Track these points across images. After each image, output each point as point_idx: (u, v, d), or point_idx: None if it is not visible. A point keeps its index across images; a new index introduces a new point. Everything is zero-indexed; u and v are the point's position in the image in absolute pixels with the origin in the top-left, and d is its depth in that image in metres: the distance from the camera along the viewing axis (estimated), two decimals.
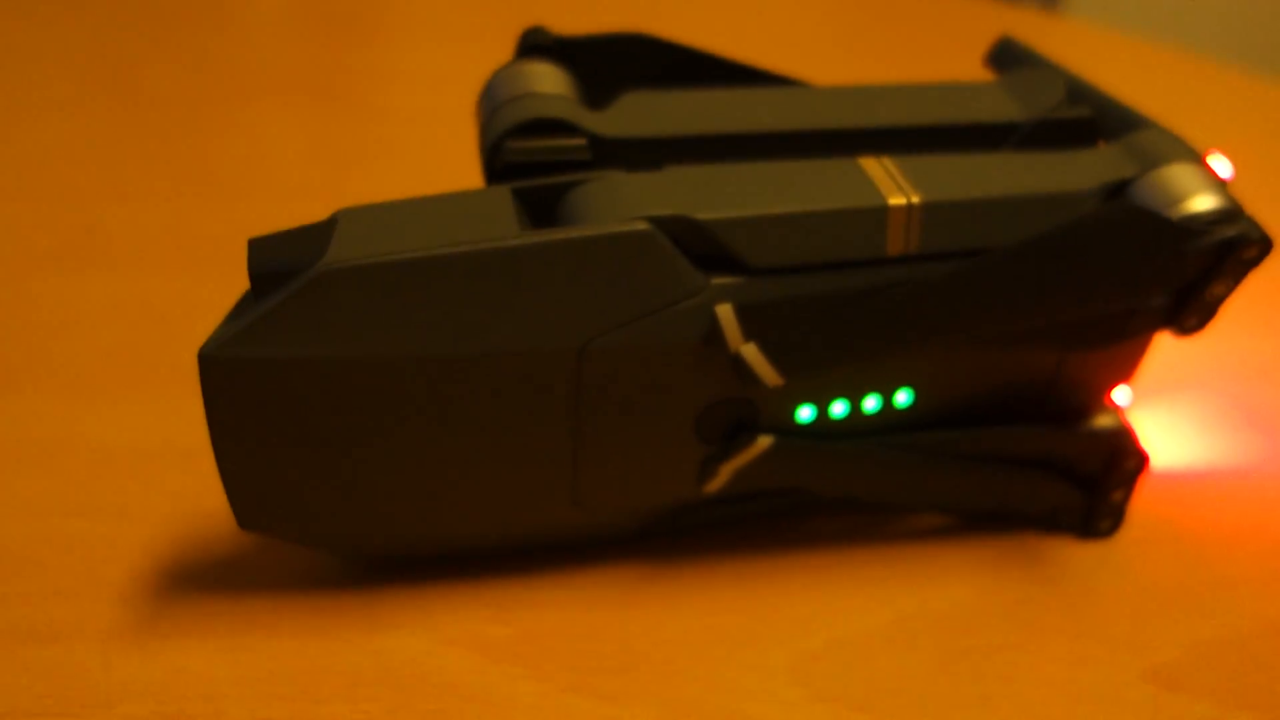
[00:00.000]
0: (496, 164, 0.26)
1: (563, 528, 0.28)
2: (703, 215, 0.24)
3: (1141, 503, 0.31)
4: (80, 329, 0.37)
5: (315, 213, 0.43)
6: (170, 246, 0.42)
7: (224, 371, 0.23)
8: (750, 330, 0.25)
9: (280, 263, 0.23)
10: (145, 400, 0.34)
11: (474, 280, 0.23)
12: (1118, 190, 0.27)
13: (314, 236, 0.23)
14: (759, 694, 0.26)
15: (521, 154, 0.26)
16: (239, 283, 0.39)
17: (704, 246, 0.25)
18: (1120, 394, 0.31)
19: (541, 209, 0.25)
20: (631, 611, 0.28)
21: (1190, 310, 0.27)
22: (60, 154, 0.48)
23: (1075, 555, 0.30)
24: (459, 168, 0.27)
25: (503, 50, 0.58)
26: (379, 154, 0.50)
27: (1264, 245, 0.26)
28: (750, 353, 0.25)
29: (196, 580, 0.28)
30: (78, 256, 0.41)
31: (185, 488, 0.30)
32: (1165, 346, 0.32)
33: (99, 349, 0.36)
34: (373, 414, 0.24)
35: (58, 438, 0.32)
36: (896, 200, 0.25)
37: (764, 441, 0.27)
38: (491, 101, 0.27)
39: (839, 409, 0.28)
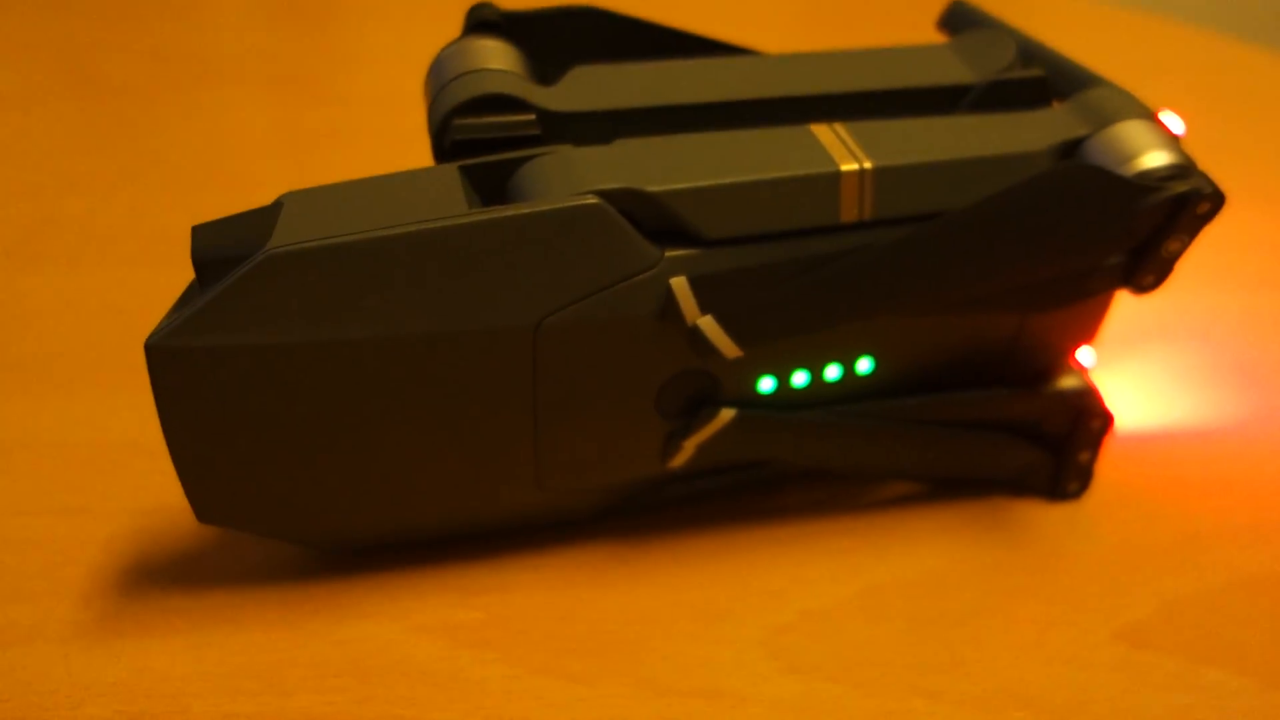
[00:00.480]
0: (445, 142, 0.26)
1: (527, 509, 0.28)
2: (653, 187, 0.24)
3: (1108, 463, 0.31)
4: (36, 323, 0.36)
5: None
6: (127, 238, 0.41)
7: (171, 362, 0.23)
8: (706, 302, 0.25)
9: (224, 249, 0.22)
10: (102, 395, 0.33)
11: (423, 260, 0.23)
12: (1071, 150, 0.27)
13: (258, 221, 0.23)
14: (732, 668, 0.26)
15: (469, 131, 0.25)
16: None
17: (656, 219, 0.24)
18: (1084, 355, 0.31)
19: (491, 186, 0.25)
20: (600, 591, 0.28)
21: (1146, 268, 0.27)
22: (12, 145, 0.47)
23: (1044, 518, 0.30)
24: (423, 152, 0.27)
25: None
26: (340, 140, 0.49)
27: (1216, 200, 0.26)
28: (707, 325, 0.25)
29: (158, 576, 0.27)
30: (32, 250, 0.40)
31: (144, 483, 0.30)
32: (1126, 306, 0.32)
33: (55, 343, 0.35)
34: (326, 400, 0.24)
35: (13, 435, 0.32)
36: (849, 166, 0.25)
37: (726, 414, 0.27)
38: (438, 79, 0.27)
39: (800, 379, 0.27)
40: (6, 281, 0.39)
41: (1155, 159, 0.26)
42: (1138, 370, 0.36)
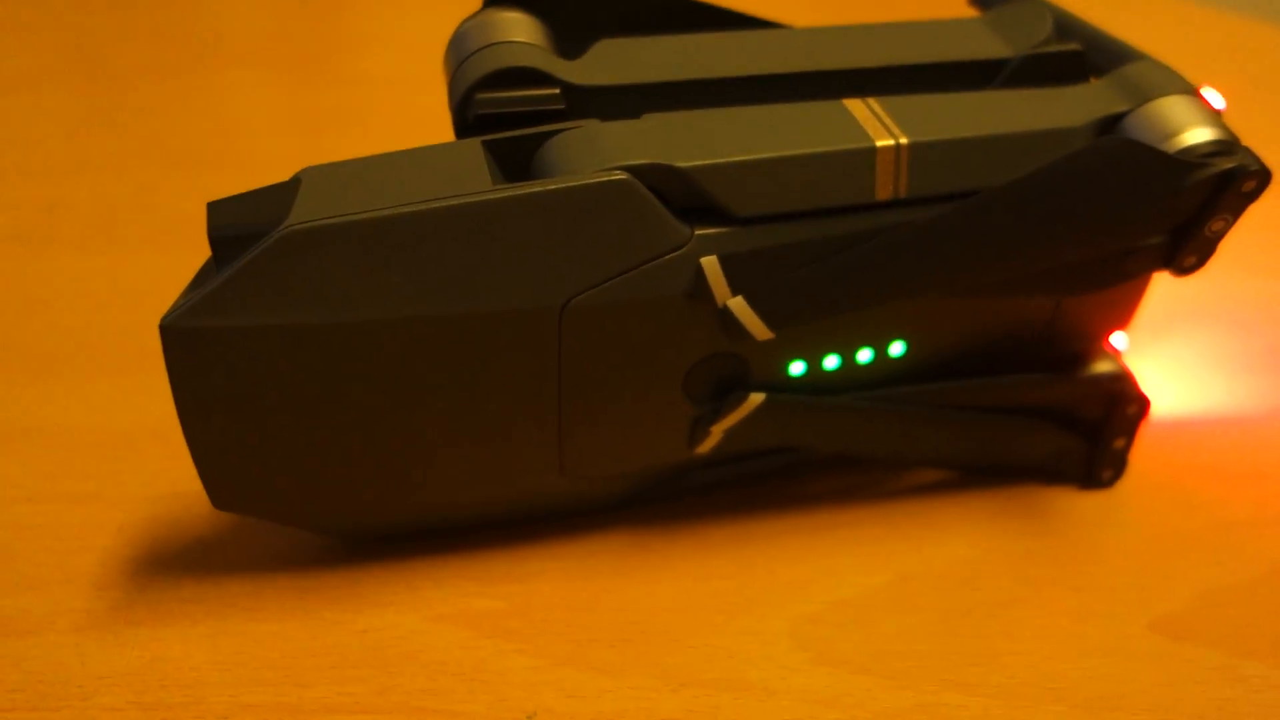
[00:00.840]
0: (467, 117, 0.25)
1: (550, 496, 0.27)
2: (684, 163, 0.23)
3: (1142, 450, 0.31)
4: (47, 307, 0.36)
5: None
6: (136, 221, 0.41)
7: (186, 343, 0.22)
8: (737, 282, 0.24)
9: (241, 226, 0.22)
10: (115, 379, 0.32)
11: (446, 238, 0.22)
12: (1110, 125, 0.26)
13: (276, 198, 0.22)
14: (759, 660, 0.25)
15: (492, 105, 0.24)
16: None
17: (686, 196, 0.24)
18: (1117, 339, 0.30)
19: (515, 162, 0.24)
20: (624, 580, 0.27)
21: (1188, 248, 0.26)
22: (20, 130, 0.47)
23: (1077, 506, 0.29)
24: (436, 133, 0.26)
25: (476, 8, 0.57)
26: (352, 121, 0.48)
27: (1263, 176, 0.25)
28: (738, 306, 0.24)
29: (172, 564, 0.27)
30: (43, 234, 0.40)
31: (159, 468, 0.29)
32: (1158, 287, 0.31)
33: (66, 327, 0.35)
34: (345, 383, 0.23)
35: (24, 420, 0.31)
36: (884, 142, 0.24)
37: (755, 399, 0.26)
38: (459, 53, 0.26)
39: (831, 363, 0.27)
40: (17, 265, 0.38)
41: (1199, 135, 0.25)
42: (1171, 354, 0.35)
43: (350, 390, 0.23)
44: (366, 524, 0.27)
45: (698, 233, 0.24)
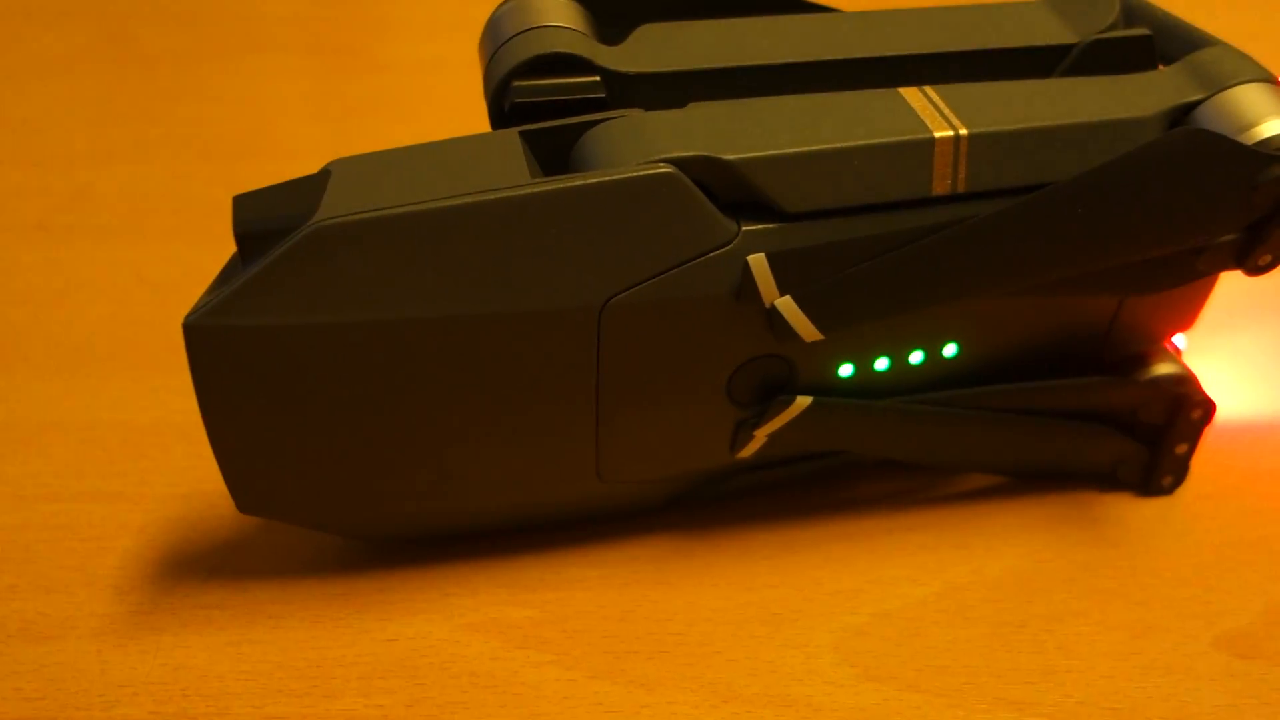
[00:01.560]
0: (503, 105, 0.24)
1: (586, 501, 0.26)
2: (731, 155, 0.22)
3: (1204, 455, 0.29)
4: (69, 299, 0.35)
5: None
6: (164, 211, 0.40)
7: (211, 342, 0.21)
8: (785, 281, 0.23)
9: (268, 221, 0.21)
10: (139, 376, 0.32)
11: (482, 234, 0.21)
12: (1182, 116, 0.25)
13: (305, 191, 0.21)
14: (803, 675, 0.24)
15: (530, 94, 0.23)
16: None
17: (733, 190, 0.22)
18: (1178, 338, 0.29)
19: (554, 154, 0.23)
20: (662, 589, 0.26)
21: (1264, 246, 0.25)
22: (46, 116, 0.46)
23: (1136, 514, 0.28)
24: (469, 121, 0.25)
25: None
26: (383, 109, 0.47)
27: None
28: (786, 306, 0.23)
29: (196, 568, 0.26)
30: (67, 222, 0.39)
31: (183, 468, 0.29)
32: (1228, 285, 0.29)
33: (89, 320, 0.34)
34: (376, 384, 0.22)
35: (45, 416, 0.30)
36: (943, 133, 0.23)
37: (802, 402, 0.25)
38: (495, 38, 0.25)
39: (881, 365, 0.26)
40: (40, 256, 0.37)
41: (1277, 125, 0.24)
42: (1232, 353, 0.33)
43: (380, 391, 0.22)
44: (395, 529, 0.26)
45: (745, 229, 0.23)
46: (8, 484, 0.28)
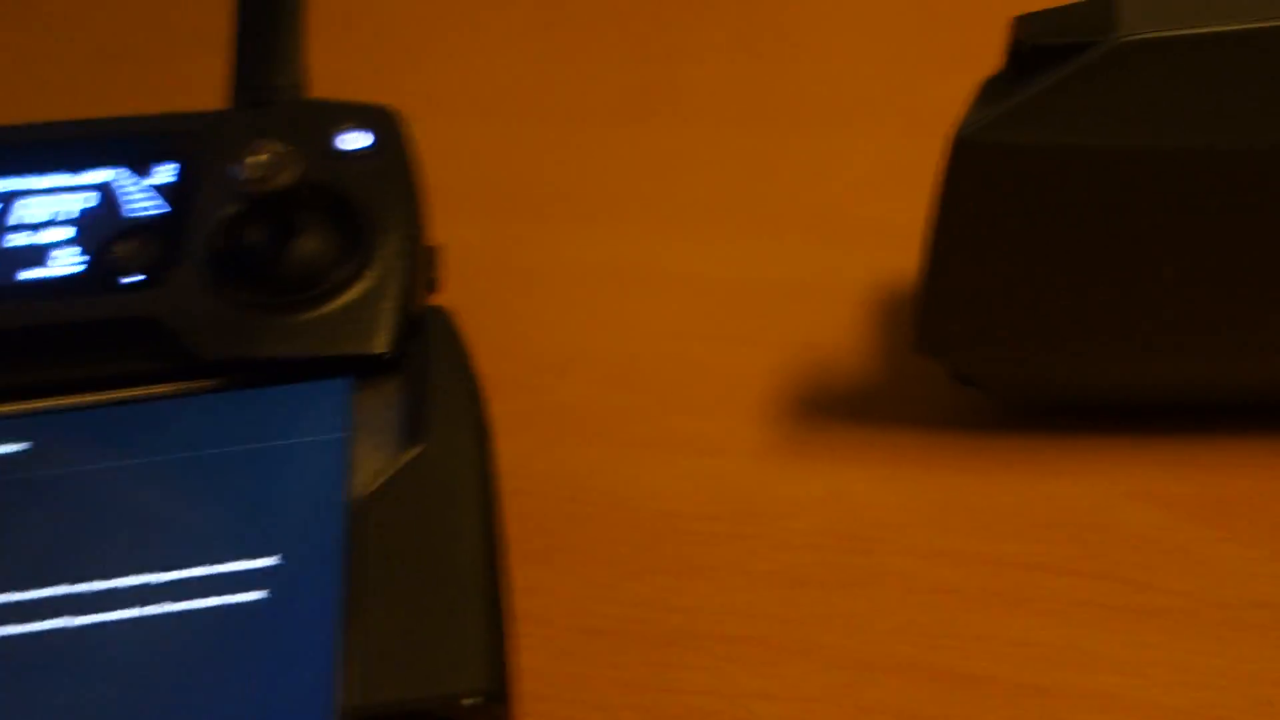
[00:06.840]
0: None
1: (1270, 383, 0.24)
2: None
3: None
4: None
5: None
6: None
7: (978, 159, 0.21)
8: None
9: (1056, 35, 0.20)
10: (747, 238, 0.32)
11: None
12: None
13: (1089, 13, 0.20)
14: None
15: None
16: None
17: None
18: None
19: None
20: None
21: None
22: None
23: None
24: None
25: None
26: None
27: None
28: None
29: (835, 407, 0.26)
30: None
31: (794, 321, 0.29)
32: None
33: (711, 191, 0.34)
34: (1131, 224, 0.21)
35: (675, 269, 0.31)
36: None
37: None
38: None
39: None
40: None
41: None
42: None
43: (1129, 234, 0.21)
44: (1049, 390, 0.25)
45: None
46: (655, 326, 0.29)
